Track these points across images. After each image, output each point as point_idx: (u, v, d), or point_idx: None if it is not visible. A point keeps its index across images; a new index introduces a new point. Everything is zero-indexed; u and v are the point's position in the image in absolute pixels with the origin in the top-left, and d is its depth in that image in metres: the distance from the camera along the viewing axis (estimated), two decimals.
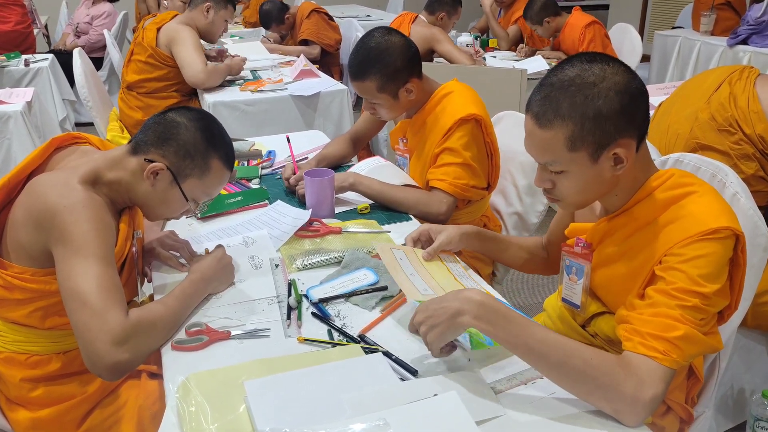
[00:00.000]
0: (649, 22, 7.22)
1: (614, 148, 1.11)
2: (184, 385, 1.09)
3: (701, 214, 1.10)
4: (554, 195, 1.21)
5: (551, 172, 1.17)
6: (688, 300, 1.05)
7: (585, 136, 1.10)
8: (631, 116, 1.10)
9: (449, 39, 3.85)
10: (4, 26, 4.69)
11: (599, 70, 1.10)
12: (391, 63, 1.79)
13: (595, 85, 1.09)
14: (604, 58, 1.12)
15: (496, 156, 1.95)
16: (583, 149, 1.11)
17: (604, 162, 1.12)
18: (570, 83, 1.11)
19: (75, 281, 1.18)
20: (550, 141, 1.13)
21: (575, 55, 1.16)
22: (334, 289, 1.40)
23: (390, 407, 0.99)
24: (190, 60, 3.17)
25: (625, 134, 1.11)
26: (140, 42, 3.31)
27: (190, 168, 1.36)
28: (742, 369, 1.88)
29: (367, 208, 1.83)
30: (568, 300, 1.33)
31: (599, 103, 1.08)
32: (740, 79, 1.98)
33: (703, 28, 4.70)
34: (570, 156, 1.12)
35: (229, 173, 1.43)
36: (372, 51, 1.80)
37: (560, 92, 1.11)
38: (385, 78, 1.80)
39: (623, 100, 1.09)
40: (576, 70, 1.11)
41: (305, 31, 4.64)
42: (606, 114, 1.09)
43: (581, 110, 1.09)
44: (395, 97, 1.85)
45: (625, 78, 1.10)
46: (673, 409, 1.37)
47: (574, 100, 1.10)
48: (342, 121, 3.31)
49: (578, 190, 1.17)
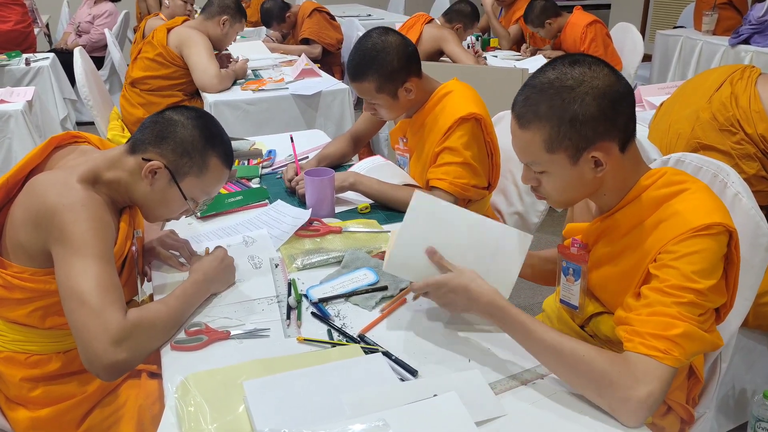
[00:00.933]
0: (650, 22, 7.21)
1: (593, 151, 1.12)
2: (183, 385, 1.09)
3: (693, 211, 1.10)
4: (540, 192, 1.23)
5: (534, 171, 1.19)
6: (682, 296, 1.05)
7: (561, 139, 1.11)
8: (611, 120, 1.11)
9: (458, 41, 3.88)
10: (4, 26, 4.69)
11: (579, 74, 1.11)
12: (389, 63, 1.79)
13: (573, 89, 1.10)
14: (587, 62, 1.13)
15: (497, 155, 1.94)
16: (561, 151, 1.12)
17: (583, 164, 1.13)
18: (549, 86, 1.12)
19: (74, 280, 1.18)
20: (529, 142, 1.15)
21: (559, 57, 1.17)
22: (333, 288, 1.40)
23: (389, 408, 0.99)
24: (204, 65, 3.20)
25: (605, 137, 1.11)
26: (150, 41, 3.33)
27: (188, 166, 1.35)
28: (743, 369, 1.87)
29: (367, 208, 1.83)
30: (566, 301, 1.33)
31: (575, 107, 1.09)
32: (741, 79, 1.98)
33: (704, 27, 4.69)
34: (549, 157, 1.14)
35: (228, 172, 1.43)
36: (369, 52, 1.80)
37: (540, 94, 1.12)
38: (383, 78, 1.80)
39: (601, 104, 1.09)
40: (556, 73, 1.12)
41: (306, 30, 4.64)
42: (582, 118, 1.09)
43: (558, 113, 1.10)
44: (394, 97, 1.84)
45: (606, 82, 1.11)
46: (673, 409, 1.36)
47: (552, 103, 1.11)
48: (343, 120, 3.31)
49: (561, 189, 1.19)
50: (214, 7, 3.38)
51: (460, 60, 3.73)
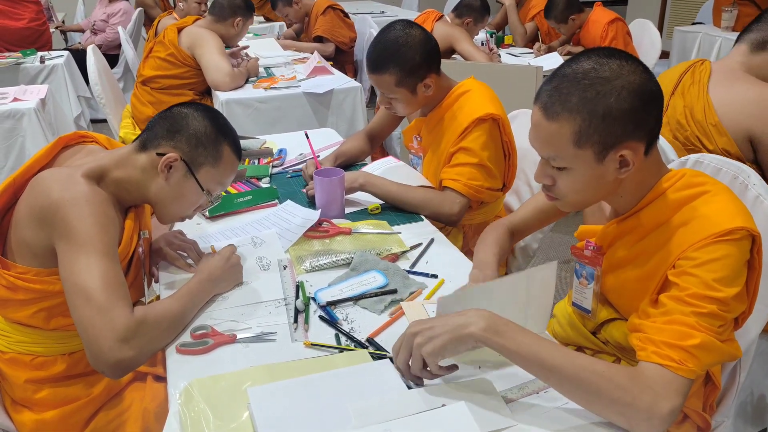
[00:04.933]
0: (668, 18, 7.11)
1: (621, 149, 1.06)
2: (186, 390, 1.07)
3: (715, 215, 1.05)
4: (553, 193, 1.16)
5: (553, 167, 1.13)
6: (703, 306, 1.00)
7: (591, 134, 1.05)
8: (642, 119, 1.05)
9: (469, 39, 3.83)
10: (18, 23, 4.72)
11: (616, 66, 1.05)
12: (411, 58, 1.76)
13: (609, 81, 1.04)
14: (623, 55, 1.07)
15: (514, 156, 1.91)
16: (589, 147, 1.06)
17: (609, 163, 1.08)
18: (583, 76, 1.05)
19: (79, 277, 1.17)
20: (555, 134, 1.08)
21: (593, 48, 1.11)
22: (342, 291, 1.37)
23: (396, 417, 0.96)
24: (216, 64, 3.20)
25: (634, 137, 1.06)
26: (161, 40, 3.33)
27: (204, 156, 1.35)
28: (761, 375, 1.82)
29: (377, 209, 1.80)
30: (578, 304, 1.29)
31: (611, 101, 1.03)
32: (693, 83, 1.90)
33: (724, 23, 4.61)
34: (575, 152, 1.07)
35: (239, 161, 1.43)
36: (391, 44, 1.76)
37: (572, 84, 1.06)
38: (404, 73, 1.77)
39: (635, 102, 1.04)
40: (592, 63, 1.06)
41: (320, 27, 4.61)
42: (615, 114, 1.04)
43: (591, 106, 1.04)
44: (413, 92, 1.82)
45: (642, 79, 1.05)
46: (689, 417, 1.33)
47: (585, 94, 1.05)
48: (355, 118, 3.28)
49: (578, 189, 1.12)
50: (226, 9, 3.38)
51: (472, 58, 3.69)
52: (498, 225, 1.55)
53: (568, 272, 2.99)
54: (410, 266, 1.50)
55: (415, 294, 1.38)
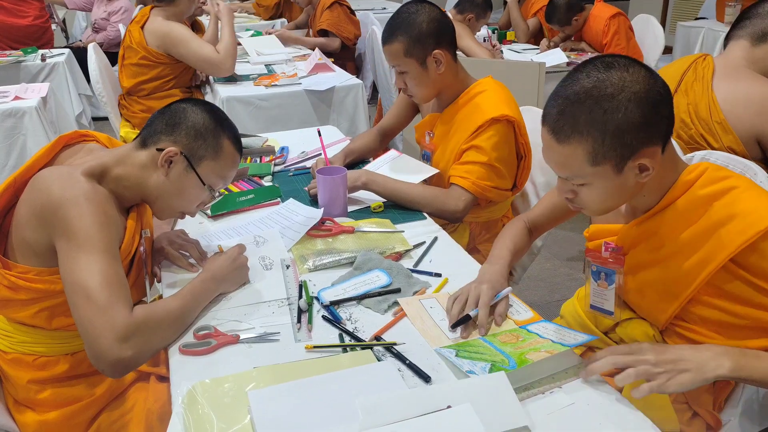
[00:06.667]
0: (671, 13, 7.08)
1: (639, 158, 1.05)
2: (189, 393, 1.06)
3: (756, 211, 1.05)
4: (577, 204, 1.16)
5: (573, 184, 1.12)
6: None
7: (606, 151, 1.04)
8: (654, 124, 1.05)
9: (471, 35, 3.81)
10: (23, 21, 4.71)
11: (617, 80, 1.03)
12: (418, 25, 1.78)
13: (614, 97, 1.03)
14: (622, 63, 1.06)
15: (529, 157, 1.90)
16: (606, 163, 1.06)
17: (628, 172, 1.07)
18: (587, 96, 1.04)
19: (79, 275, 1.16)
20: (569, 156, 1.07)
21: (589, 60, 1.09)
22: (345, 291, 1.36)
23: (401, 419, 0.95)
24: (199, 54, 3.07)
25: (650, 143, 1.05)
26: (129, 45, 3.18)
27: (204, 149, 1.34)
28: None
29: (380, 207, 1.79)
30: (598, 307, 1.27)
31: (619, 117, 1.02)
32: (696, 80, 1.89)
33: (727, 18, 4.59)
34: (592, 170, 1.07)
35: (240, 156, 1.42)
36: (401, 15, 1.82)
37: (576, 106, 1.05)
38: (411, 40, 1.78)
39: (644, 111, 1.03)
40: (592, 81, 1.04)
41: (325, 21, 4.58)
42: (626, 127, 1.03)
43: (601, 125, 1.03)
44: (423, 64, 1.81)
45: (646, 85, 1.04)
46: (699, 415, 1.32)
47: (592, 115, 1.03)
48: (357, 116, 3.27)
49: (602, 199, 1.12)
50: None
51: (474, 54, 3.67)
52: (516, 222, 1.56)
53: (569, 269, 2.98)
54: (414, 265, 1.49)
55: (419, 293, 1.37)
